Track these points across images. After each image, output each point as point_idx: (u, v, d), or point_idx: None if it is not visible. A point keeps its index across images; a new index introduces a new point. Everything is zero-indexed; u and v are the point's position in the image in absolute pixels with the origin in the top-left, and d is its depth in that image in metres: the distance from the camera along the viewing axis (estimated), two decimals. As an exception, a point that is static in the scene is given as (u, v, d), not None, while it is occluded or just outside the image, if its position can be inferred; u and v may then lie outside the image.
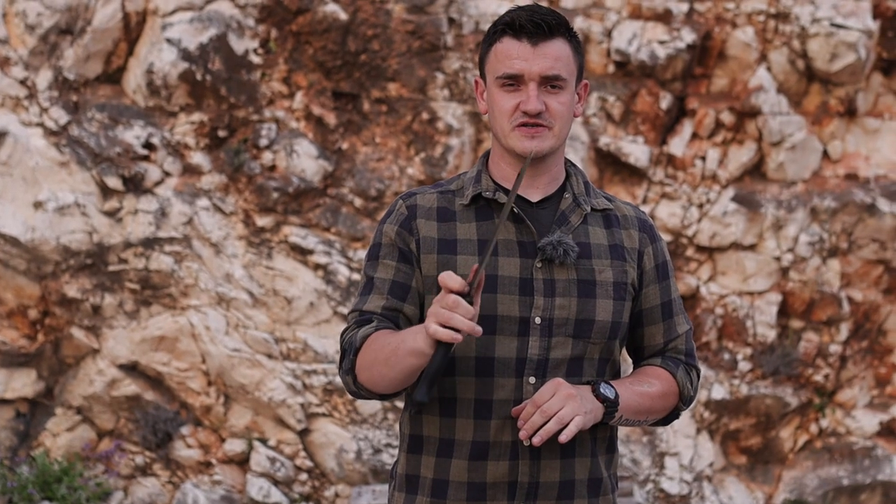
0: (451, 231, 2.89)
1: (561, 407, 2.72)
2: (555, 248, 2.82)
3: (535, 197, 2.92)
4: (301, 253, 7.98)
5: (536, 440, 2.72)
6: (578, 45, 2.90)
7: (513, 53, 2.82)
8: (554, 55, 2.83)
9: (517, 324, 2.80)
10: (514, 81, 2.83)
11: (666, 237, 8.30)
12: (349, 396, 7.84)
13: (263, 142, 8.10)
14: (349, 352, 2.84)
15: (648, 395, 2.90)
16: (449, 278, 2.58)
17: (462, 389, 2.84)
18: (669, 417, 3.02)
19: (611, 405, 2.80)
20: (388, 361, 2.73)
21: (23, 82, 7.97)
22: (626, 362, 3.65)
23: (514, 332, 2.81)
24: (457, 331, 2.56)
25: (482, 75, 2.94)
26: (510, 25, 2.84)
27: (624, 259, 2.91)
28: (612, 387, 2.82)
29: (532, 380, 2.81)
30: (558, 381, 2.75)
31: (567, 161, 3.00)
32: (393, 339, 2.74)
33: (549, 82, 2.83)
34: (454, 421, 2.85)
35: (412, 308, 2.88)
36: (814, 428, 8.37)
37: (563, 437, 2.71)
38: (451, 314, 2.56)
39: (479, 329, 2.57)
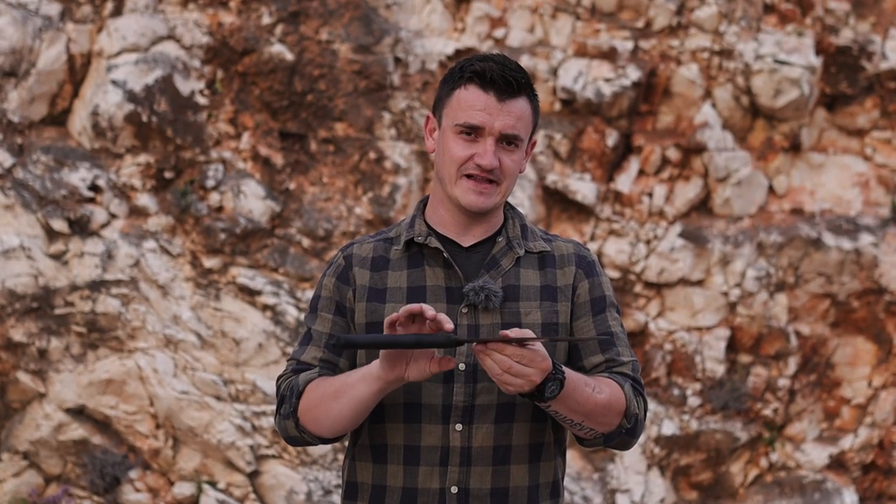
0: (383, 280, 2.91)
1: (522, 376, 2.62)
2: (477, 293, 2.82)
3: (466, 242, 2.92)
4: (249, 294, 7.95)
5: (480, 348, 2.64)
6: (537, 105, 2.91)
7: (477, 104, 2.81)
8: (517, 113, 2.82)
9: None
10: (472, 132, 2.83)
11: (614, 274, 8.32)
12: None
13: (210, 183, 8.08)
14: (290, 396, 2.86)
15: (593, 399, 2.75)
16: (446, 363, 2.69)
17: (391, 436, 2.85)
18: (612, 436, 2.85)
19: (552, 389, 2.68)
20: (337, 395, 2.76)
21: (-33, 125, 7.93)
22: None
23: (439, 379, 2.80)
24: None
25: (436, 114, 2.93)
26: (479, 75, 2.82)
27: (555, 299, 2.88)
28: (562, 385, 2.68)
29: (459, 427, 2.80)
30: (544, 354, 2.63)
31: (507, 205, 2.99)
32: (340, 377, 2.81)
33: (507, 140, 2.83)
34: (386, 467, 2.86)
35: (346, 361, 2.92)
36: (764, 462, 8.39)
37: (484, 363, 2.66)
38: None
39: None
